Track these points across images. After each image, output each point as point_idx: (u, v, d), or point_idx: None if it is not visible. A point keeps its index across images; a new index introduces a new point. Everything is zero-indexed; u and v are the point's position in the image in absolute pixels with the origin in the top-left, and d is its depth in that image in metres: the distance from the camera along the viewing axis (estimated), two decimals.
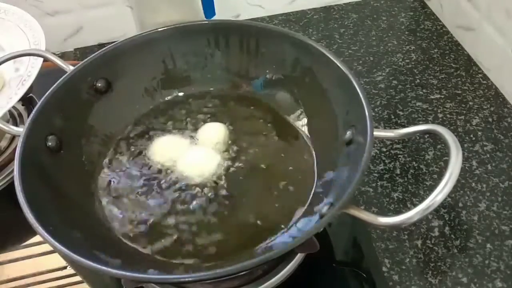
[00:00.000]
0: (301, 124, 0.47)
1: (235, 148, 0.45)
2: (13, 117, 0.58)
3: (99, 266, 0.30)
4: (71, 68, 0.44)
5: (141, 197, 0.42)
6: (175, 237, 0.39)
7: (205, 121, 0.48)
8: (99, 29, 0.72)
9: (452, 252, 0.45)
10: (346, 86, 0.40)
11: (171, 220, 0.40)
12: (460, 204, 0.49)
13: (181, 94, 0.51)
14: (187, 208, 0.41)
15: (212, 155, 0.44)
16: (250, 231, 0.39)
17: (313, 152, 0.45)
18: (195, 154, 0.44)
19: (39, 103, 0.41)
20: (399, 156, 0.54)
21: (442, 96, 0.61)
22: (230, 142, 0.46)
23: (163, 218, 0.40)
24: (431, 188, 0.50)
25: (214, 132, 0.46)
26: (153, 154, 0.45)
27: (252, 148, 0.45)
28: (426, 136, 0.55)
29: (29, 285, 0.45)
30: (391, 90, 0.62)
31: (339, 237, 0.47)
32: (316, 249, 0.36)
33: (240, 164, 0.44)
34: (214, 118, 0.48)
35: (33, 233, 0.32)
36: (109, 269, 0.30)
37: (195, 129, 0.47)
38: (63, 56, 0.72)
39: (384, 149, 0.55)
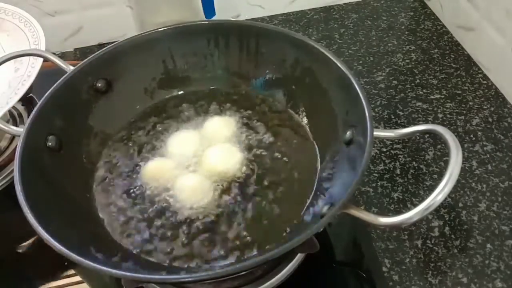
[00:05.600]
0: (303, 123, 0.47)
1: (245, 141, 0.46)
2: (13, 117, 0.58)
3: (99, 266, 0.30)
4: (71, 68, 0.44)
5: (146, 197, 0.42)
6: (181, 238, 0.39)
7: (208, 118, 0.48)
8: (99, 29, 0.72)
9: (452, 252, 0.45)
10: (346, 86, 0.40)
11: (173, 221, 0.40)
12: (460, 204, 0.49)
13: (181, 93, 0.51)
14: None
15: (232, 150, 0.44)
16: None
17: (317, 151, 0.45)
18: (216, 153, 0.44)
19: (39, 103, 0.41)
20: (399, 156, 0.54)
21: (442, 96, 0.61)
22: (239, 135, 0.46)
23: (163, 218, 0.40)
24: (431, 188, 0.50)
25: (223, 126, 0.46)
26: (169, 151, 0.45)
27: (260, 143, 0.46)
28: (426, 136, 0.55)
29: None
30: (391, 90, 0.62)
31: (339, 237, 0.47)
32: (316, 249, 0.36)
33: (256, 158, 0.44)
34: (217, 115, 0.48)
35: (33, 233, 0.32)
36: (109, 269, 0.30)
37: (198, 127, 0.47)
38: (63, 56, 0.72)
39: (384, 149, 0.55)
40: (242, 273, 0.38)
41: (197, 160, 0.44)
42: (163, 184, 0.42)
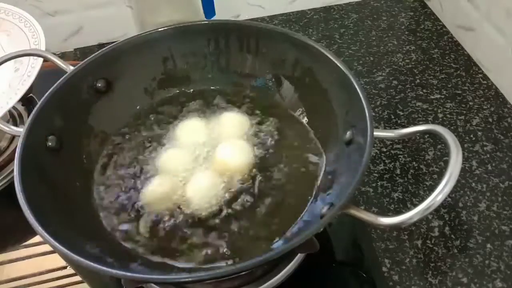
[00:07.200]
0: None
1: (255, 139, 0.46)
2: (13, 117, 0.58)
3: (99, 266, 0.30)
4: (71, 68, 0.44)
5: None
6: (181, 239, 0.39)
7: (211, 117, 0.48)
8: (99, 29, 0.72)
9: (452, 252, 0.45)
10: (346, 86, 0.40)
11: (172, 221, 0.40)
12: (460, 204, 0.49)
13: (181, 94, 0.51)
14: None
15: (245, 146, 0.44)
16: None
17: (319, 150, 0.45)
18: (228, 150, 0.44)
19: (39, 103, 0.41)
20: (399, 156, 0.54)
21: (442, 96, 0.61)
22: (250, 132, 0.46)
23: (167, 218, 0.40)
24: (431, 188, 0.50)
25: (237, 122, 0.47)
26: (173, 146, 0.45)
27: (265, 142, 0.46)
28: (426, 136, 0.55)
29: (29, 285, 0.45)
30: (391, 90, 0.62)
31: (339, 237, 0.47)
32: (316, 249, 0.36)
33: (257, 158, 0.44)
34: (216, 115, 0.48)
35: (33, 233, 0.32)
36: (109, 269, 0.30)
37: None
38: (63, 56, 0.72)
39: (384, 149, 0.55)
40: (242, 273, 0.38)
41: (200, 157, 0.44)
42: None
